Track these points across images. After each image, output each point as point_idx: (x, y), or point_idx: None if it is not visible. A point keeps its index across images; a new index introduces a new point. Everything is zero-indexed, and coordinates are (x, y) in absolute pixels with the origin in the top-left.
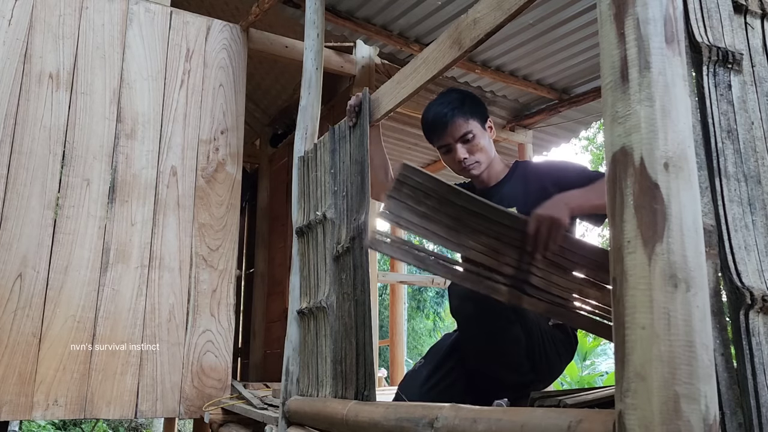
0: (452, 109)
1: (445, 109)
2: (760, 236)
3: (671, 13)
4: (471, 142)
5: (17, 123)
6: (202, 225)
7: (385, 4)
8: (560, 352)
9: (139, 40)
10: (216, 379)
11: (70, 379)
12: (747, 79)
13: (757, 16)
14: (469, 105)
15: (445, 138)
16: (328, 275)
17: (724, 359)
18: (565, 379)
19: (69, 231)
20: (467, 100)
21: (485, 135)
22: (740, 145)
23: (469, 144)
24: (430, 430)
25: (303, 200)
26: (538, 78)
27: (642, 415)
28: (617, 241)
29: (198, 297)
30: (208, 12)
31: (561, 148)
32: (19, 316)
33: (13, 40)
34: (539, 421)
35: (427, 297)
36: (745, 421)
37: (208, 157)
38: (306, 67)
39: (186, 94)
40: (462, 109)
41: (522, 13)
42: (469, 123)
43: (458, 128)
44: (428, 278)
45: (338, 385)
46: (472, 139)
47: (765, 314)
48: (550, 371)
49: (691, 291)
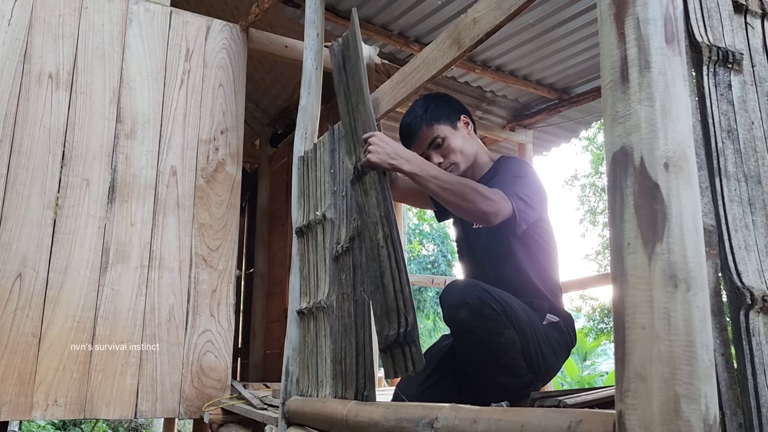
0: (415, 118)
1: (409, 119)
2: (760, 236)
3: (671, 12)
4: (442, 147)
5: (17, 123)
6: (201, 225)
7: (385, 4)
8: (556, 350)
9: (138, 39)
10: (216, 379)
11: (69, 379)
12: (747, 79)
13: (757, 15)
14: (432, 110)
15: (415, 148)
16: (328, 275)
17: (724, 359)
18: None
19: (69, 231)
20: (431, 104)
21: (457, 134)
22: (740, 145)
23: (441, 149)
24: (430, 430)
25: (303, 200)
26: (538, 78)
27: (642, 416)
28: (617, 241)
29: (198, 297)
30: (208, 12)
31: (561, 148)
32: (18, 316)
33: (13, 39)
34: (539, 421)
35: (427, 297)
36: (745, 421)
37: (208, 157)
38: (306, 66)
39: (186, 94)
40: (425, 117)
41: (522, 13)
42: (434, 128)
43: (425, 136)
44: (428, 278)
45: (338, 385)
46: (442, 143)
47: (765, 314)
48: (548, 370)
49: (692, 291)
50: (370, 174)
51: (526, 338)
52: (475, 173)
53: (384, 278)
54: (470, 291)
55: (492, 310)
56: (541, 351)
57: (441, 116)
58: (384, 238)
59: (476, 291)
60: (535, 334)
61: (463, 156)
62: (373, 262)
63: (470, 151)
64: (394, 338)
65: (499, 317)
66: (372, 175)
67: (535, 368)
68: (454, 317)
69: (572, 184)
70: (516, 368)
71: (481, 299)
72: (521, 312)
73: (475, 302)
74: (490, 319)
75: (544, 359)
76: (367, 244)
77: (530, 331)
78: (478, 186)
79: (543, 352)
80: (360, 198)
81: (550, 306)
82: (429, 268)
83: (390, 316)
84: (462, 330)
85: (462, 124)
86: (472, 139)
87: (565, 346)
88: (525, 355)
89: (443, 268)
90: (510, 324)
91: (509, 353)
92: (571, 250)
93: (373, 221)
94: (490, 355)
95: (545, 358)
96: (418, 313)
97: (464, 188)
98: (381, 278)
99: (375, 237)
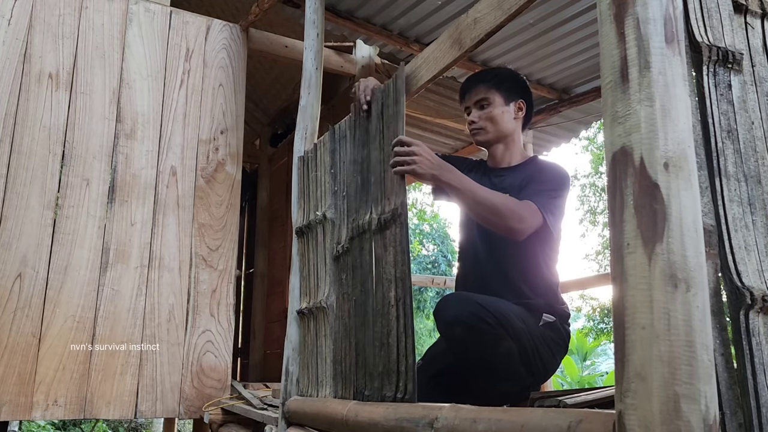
0: (480, 77)
1: (476, 76)
2: (760, 236)
3: (671, 12)
4: (484, 109)
5: (17, 123)
6: (201, 225)
7: (385, 4)
8: (554, 350)
9: (138, 39)
10: (216, 379)
11: (69, 379)
12: (747, 79)
13: (757, 15)
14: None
15: (465, 101)
16: (328, 275)
17: (724, 359)
18: (565, 379)
19: (69, 231)
20: (501, 74)
21: (505, 110)
22: (740, 145)
23: (482, 111)
24: (430, 430)
25: (303, 200)
26: (538, 78)
27: (642, 416)
28: (617, 241)
29: (198, 297)
30: (208, 12)
31: (561, 148)
32: (18, 316)
33: (13, 39)
34: (539, 421)
35: (427, 297)
36: (745, 421)
37: (208, 157)
38: (306, 66)
39: (186, 94)
40: (489, 80)
41: (522, 13)
42: (490, 92)
43: (477, 93)
44: (428, 278)
45: (338, 385)
46: (486, 106)
47: (765, 314)
48: (547, 371)
49: (691, 291)
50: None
51: (524, 346)
52: (503, 159)
53: (390, 337)
54: (464, 307)
55: (487, 324)
56: (539, 354)
57: (502, 87)
58: (396, 299)
59: (470, 307)
60: (532, 339)
61: (495, 128)
62: (382, 318)
63: (505, 129)
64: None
65: (495, 331)
66: (394, 231)
67: (533, 372)
68: (450, 335)
69: (572, 184)
70: (515, 375)
71: (476, 315)
72: (517, 320)
73: (470, 319)
74: (486, 334)
75: (542, 362)
76: (378, 298)
77: (527, 338)
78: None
79: (541, 355)
80: (379, 249)
81: (546, 304)
82: (429, 268)
83: (390, 377)
84: (459, 345)
85: (515, 106)
86: (516, 123)
87: (563, 344)
88: (524, 361)
89: (443, 268)
90: (507, 335)
91: (508, 363)
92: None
93: (387, 278)
94: (489, 366)
95: (543, 360)
96: (419, 313)
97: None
98: (387, 336)
99: (387, 294)
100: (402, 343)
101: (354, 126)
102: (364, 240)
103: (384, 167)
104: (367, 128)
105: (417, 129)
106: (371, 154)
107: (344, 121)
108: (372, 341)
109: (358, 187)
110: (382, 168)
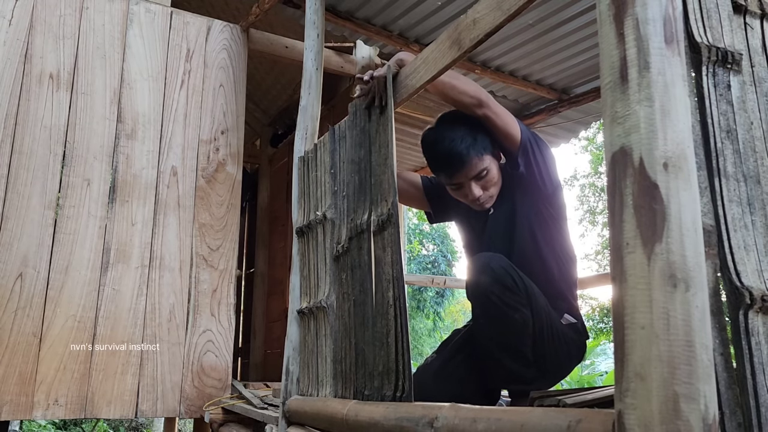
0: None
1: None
2: (760, 236)
3: (671, 13)
4: (485, 178)
5: (18, 123)
6: (202, 225)
7: (385, 5)
8: (572, 352)
9: (139, 40)
10: (216, 378)
11: (70, 378)
12: (746, 80)
13: (756, 16)
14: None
15: (457, 177)
16: (328, 275)
17: (723, 359)
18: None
19: (69, 231)
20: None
21: (496, 164)
22: (740, 145)
23: (483, 180)
24: (430, 429)
25: (303, 200)
26: (538, 78)
27: (641, 415)
28: (617, 241)
29: (198, 297)
30: (209, 12)
31: (561, 148)
32: (19, 316)
33: (14, 40)
34: (539, 421)
35: (427, 297)
36: (744, 421)
37: (209, 157)
38: (306, 67)
39: (186, 95)
40: (476, 146)
41: (522, 13)
42: (484, 159)
43: (474, 168)
44: (428, 278)
45: (338, 385)
46: (486, 175)
47: (764, 314)
48: (560, 370)
49: (691, 291)
50: (390, 230)
51: (541, 324)
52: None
53: (389, 337)
54: (497, 260)
55: (513, 282)
56: (554, 345)
57: (488, 146)
58: (393, 299)
59: (502, 261)
60: (551, 324)
61: (497, 186)
62: (381, 318)
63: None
64: (390, 400)
65: (519, 292)
66: (391, 231)
67: (541, 365)
68: (476, 281)
69: (572, 184)
70: (521, 354)
71: (506, 269)
72: (541, 299)
73: (499, 270)
74: (509, 290)
75: (556, 355)
76: (378, 298)
77: (546, 319)
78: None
79: (556, 347)
80: (379, 251)
81: (569, 306)
82: (429, 268)
83: (389, 376)
84: (480, 296)
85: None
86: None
87: (581, 348)
88: (536, 340)
89: (443, 268)
90: (528, 303)
91: (520, 333)
92: None
93: (386, 278)
94: (501, 330)
95: (559, 357)
96: (419, 313)
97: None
98: (386, 336)
99: (386, 294)
100: (400, 342)
101: (353, 126)
102: (362, 240)
103: (381, 168)
104: (363, 128)
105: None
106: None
107: (344, 121)
108: (372, 341)
109: (356, 188)
110: (380, 169)
